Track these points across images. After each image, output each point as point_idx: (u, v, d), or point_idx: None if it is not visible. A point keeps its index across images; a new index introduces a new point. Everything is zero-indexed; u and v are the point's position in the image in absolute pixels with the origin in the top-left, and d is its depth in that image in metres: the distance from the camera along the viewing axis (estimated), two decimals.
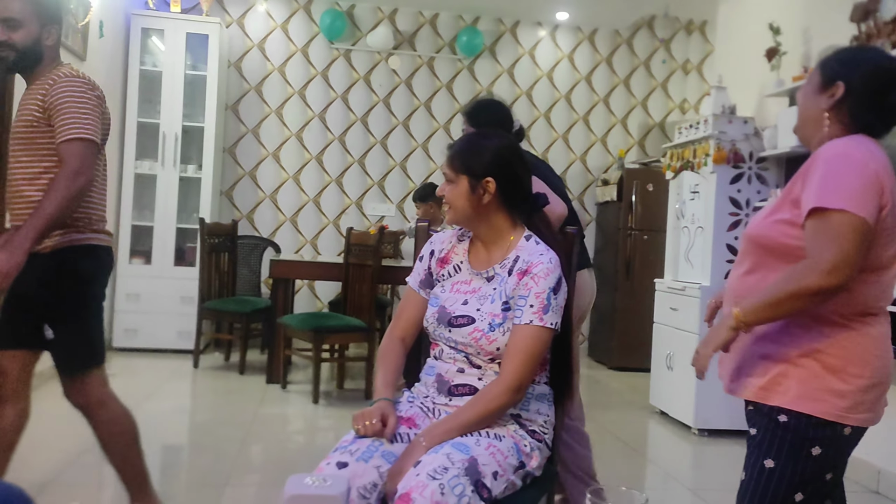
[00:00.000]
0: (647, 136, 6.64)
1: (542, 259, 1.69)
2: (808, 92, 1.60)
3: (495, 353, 1.67)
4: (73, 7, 4.40)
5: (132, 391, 4.40)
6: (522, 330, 1.63)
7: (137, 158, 5.54)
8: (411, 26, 6.38)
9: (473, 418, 1.61)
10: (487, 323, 1.67)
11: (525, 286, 1.67)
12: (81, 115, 2.09)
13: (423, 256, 1.88)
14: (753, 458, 1.55)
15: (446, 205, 1.76)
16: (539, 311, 1.64)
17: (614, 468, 3.36)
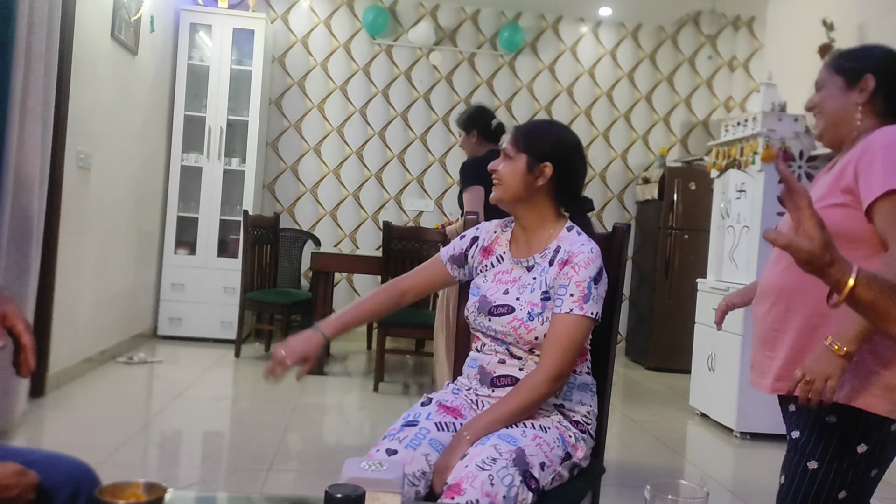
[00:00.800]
0: (691, 133, 6.57)
1: (584, 249, 1.69)
2: (834, 94, 1.62)
3: (534, 343, 1.68)
4: (126, 2, 4.50)
5: (176, 378, 4.51)
6: (562, 319, 1.63)
7: (184, 151, 5.64)
8: (453, 22, 6.40)
9: (514, 409, 1.61)
10: (526, 312, 1.68)
11: (566, 275, 1.66)
12: None
13: (464, 236, 1.89)
14: (795, 460, 1.54)
15: (496, 180, 1.76)
16: (580, 301, 1.63)
17: (653, 468, 3.34)
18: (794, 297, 1.57)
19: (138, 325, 5.28)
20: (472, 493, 1.41)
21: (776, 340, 1.60)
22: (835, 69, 1.62)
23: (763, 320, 1.65)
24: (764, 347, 1.64)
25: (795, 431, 1.56)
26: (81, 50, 3.92)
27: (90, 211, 4.23)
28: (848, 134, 1.60)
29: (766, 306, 1.63)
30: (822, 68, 1.68)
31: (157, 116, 5.37)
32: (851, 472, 1.49)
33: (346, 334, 6.06)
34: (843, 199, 1.51)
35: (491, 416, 1.62)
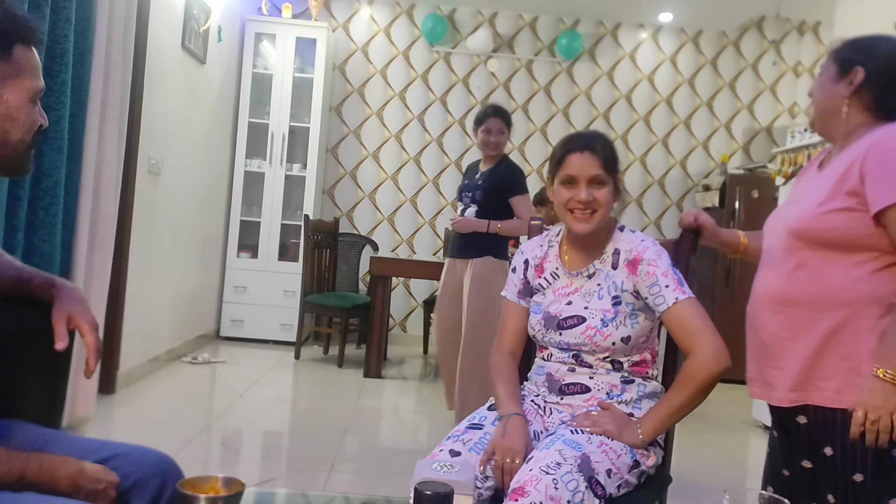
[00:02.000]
0: (753, 140, 6.43)
1: (647, 244, 1.71)
2: (825, 82, 1.58)
3: (611, 349, 1.67)
4: (196, 13, 4.65)
5: (238, 378, 4.62)
6: (677, 309, 1.64)
7: (247, 157, 5.79)
8: (511, 29, 6.41)
9: (684, 400, 1.61)
10: (599, 319, 1.68)
11: (647, 274, 1.67)
12: None
13: (515, 268, 1.88)
14: (839, 477, 1.49)
15: (588, 210, 1.68)
16: (678, 287, 1.66)
17: (715, 479, 3.28)
18: (802, 306, 1.52)
19: (202, 326, 5.43)
20: (535, 496, 1.41)
21: (782, 351, 1.55)
22: (833, 56, 1.58)
23: (763, 329, 1.60)
24: (768, 358, 1.59)
25: (827, 448, 1.50)
26: (154, 59, 4.07)
27: (159, 215, 4.38)
28: (837, 126, 1.57)
29: (768, 315, 1.58)
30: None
31: (222, 123, 5.52)
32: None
33: (404, 339, 6.07)
34: (848, 203, 1.47)
35: (660, 413, 1.61)
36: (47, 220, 2.85)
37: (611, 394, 1.70)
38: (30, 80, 1.18)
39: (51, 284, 1.41)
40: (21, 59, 1.17)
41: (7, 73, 1.15)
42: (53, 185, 2.86)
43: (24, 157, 1.21)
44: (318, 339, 5.96)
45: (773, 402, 1.60)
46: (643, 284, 1.68)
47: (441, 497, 0.91)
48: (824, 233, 1.49)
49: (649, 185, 6.43)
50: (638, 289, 1.69)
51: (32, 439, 1.28)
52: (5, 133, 1.17)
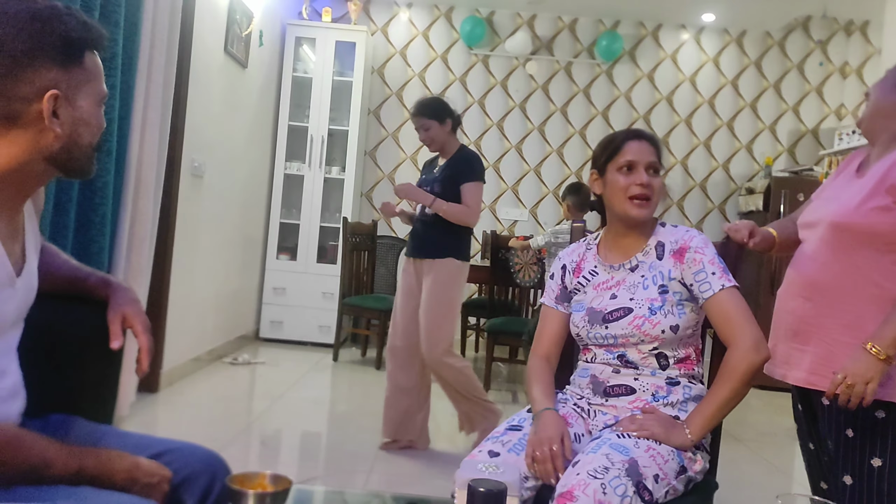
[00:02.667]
0: (798, 143, 6.31)
1: (692, 233, 1.72)
2: (887, 88, 1.67)
3: (660, 338, 1.66)
4: (239, 18, 4.72)
5: (278, 379, 4.66)
6: (722, 296, 1.64)
7: (287, 160, 5.85)
8: (550, 31, 6.38)
9: (728, 394, 1.60)
10: (647, 308, 1.67)
11: (693, 262, 1.67)
12: None
13: (553, 274, 1.90)
14: (857, 459, 1.57)
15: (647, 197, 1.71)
16: (724, 275, 1.66)
17: (759, 488, 3.22)
18: (833, 294, 1.63)
19: (242, 327, 5.50)
20: (584, 501, 1.39)
21: (808, 334, 1.66)
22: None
23: (793, 313, 1.71)
24: (792, 339, 1.71)
25: (849, 430, 1.59)
26: (198, 64, 4.13)
27: (201, 216, 4.44)
28: (883, 129, 1.65)
29: (800, 300, 1.68)
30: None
31: (262, 126, 5.59)
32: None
33: None
34: (887, 201, 1.57)
35: (706, 410, 1.61)
36: (96, 221, 2.91)
37: (656, 395, 1.68)
38: (98, 85, 1.21)
39: (106, 284, 1.43)
40: (91, 65, 1.20)
41: (81, 79, 1.18)
42: (103, 186, 2.92)
43: (91, 160, 1.25)
44: (356, 342, 5.99)
45: (790, 381, 1.73)
46: (689, 272, 1.68)
47: (494, 495, 0.90)
48: (863, 227, 1.59)
49: (691, 187, 6.35)
50: (684, 277, 1.69)
51: (88, 434, 1.30)
52: (78, 137, 1.19)
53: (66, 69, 1.15)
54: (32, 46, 1.10)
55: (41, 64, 1.12)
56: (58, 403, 1.36)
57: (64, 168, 1.22)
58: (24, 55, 1.10)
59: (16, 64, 1.10)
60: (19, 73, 1.10)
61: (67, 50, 1.15)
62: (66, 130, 1.17)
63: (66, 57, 1.15)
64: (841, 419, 1.61)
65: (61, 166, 1.21)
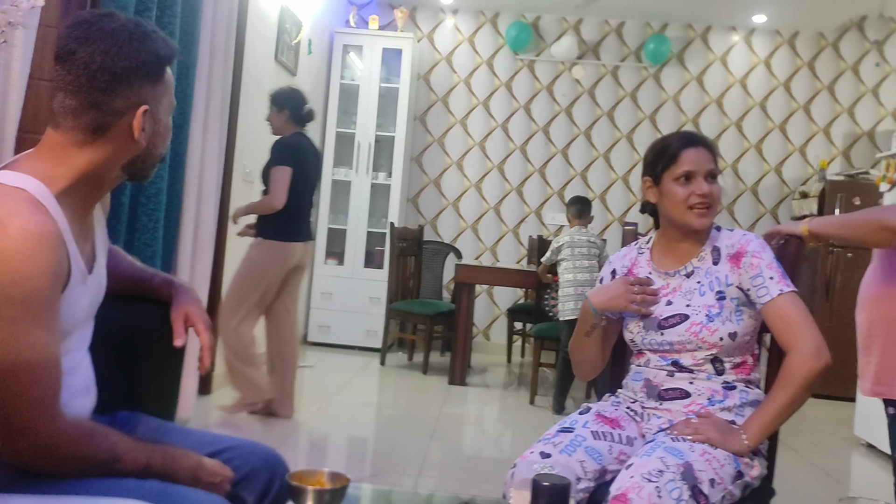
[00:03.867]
0: (854, 145, 6.15)
1: (749, 237, 1.70)
2: None
3: (718, 345, 1.64)
4: (288, 27, 4.80)
5: (326, 383, 4.72)
6: (781, 301, 1.61)
7: (335, 166, 5.92)
8: (596, 35, 6.35)
9: (787, 399, 1.57)
10: (704, 315, 1.65)
11: (751, 266, 1.65)
12: None
13: (603, 278, 1.89)
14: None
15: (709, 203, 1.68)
16: (782, 280, 1.63)
17: (817, 497, 3.14)
18: (879, 305, 1.67)
19: None
20: (638, 503, 1.39)
21: (871, 346, 1.69)
22: None
23: (861, 327, 1.74)
24: (864, 353, 1.73)
25: None
26: (250, 72, 4.22)
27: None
28: None
29: (864, 314, 1.73)
30: None
31: (311, 133, 5.63)
32: None
33: (487, 347, 6.05)
34: None
35: (765, 417, 1.58)
36: (150, 226, 2.99)
37: (712, 399, 1.66)
38: (171, 97, 1.27)
39: (170, 284, 1.48)
40: (168, 79, 1.25)
41: (162, 93, 1.24)
42: (157, 192, 3.00)
43: (156, 167, 1.31)
44: (403, 346, 6.03)
45: (863, 394, 1.73)
46: (746, 276, 1.65)
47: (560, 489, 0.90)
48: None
49: (741, 192, 6.24)
50: (741, 282, 1.66)
51: (153, 431, 1.34)
52: (154, 148, 1.25)
53: (153, 85, 1.21)
54: (131, 65, 1.16)
55: (136, 81, 1.17)
56: (124, 400, 1.41)
57: (133, 174, 1.27)
58: (123, 73, 1.15)
59: (115, 80, 1.15)
60: (117, 89, 1.16)
61: (157, 68, 1.21)
62: (147, 142, 1.22)
63: (155, 74, 1.21)
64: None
65: (132, 173, 1.26)
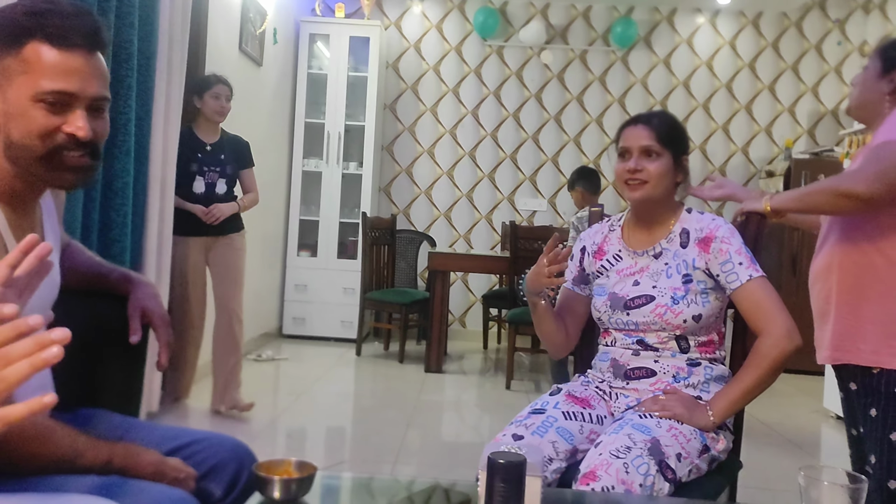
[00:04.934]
0: (818, 124, 6.23)
1: (718, 222, 1.72)
2: (869, 78, 1.73)
3: (682, 327, 1.66)
4: (252, 16, 4.74)
5: (302, 375, 4.70)
6: (751, 286, 1.64)
7: (304, 157, 5.88)
8: (564, 20, 6.35)
9: (756, 380, 1.60)
10: (669, 297, 1.67)
11: (720, 251, 1.67)
12: None
13: (573, 255, 1.90)
14: (879, 436, 1.60)
15: (635, 180, 1.71)
16: (751, 265, 1.66)
17: (786, 469, 3.20)
18: (835, 273, 1.69)
19: (265, 324, 5.54)
20: (607, 480, 1.40)
21: (827, 314, 1.71)
22: (879, 54, 1.73)
23: (818, 298, 1.77)
24: (820, 323, 1.76)
25: (872, 409, 1.62)
26: (213, 63, 4.16)
27: None
28: (874, 115, 1.72)
29: (819, 284, 1.75)
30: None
31: (279, 124, 5.62)
32: None
33: (463, 334, 6.05)
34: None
35: (732, 395, 1.61)
36: (118, 221, 2.95)
37: (677, 377, 1.68)
38: (40, 80, 1.09)
39: (127, 280, 1.46)
40: (32, 56, 1.09)
41: (16, 69, 1.09)
42: (123, 186, 2.96)
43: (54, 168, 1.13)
44: (379, 336, 6.02)
45: (820, 362, 1.77)
46: (715, 262, 1.67)
47: (515, 466, 0.91)
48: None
49: (710, 172, 6.29)
50: (710, 267, 1.68)
51: (115, 427, 1.33)
52: (8, 131, 1.11)
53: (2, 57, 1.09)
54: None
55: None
56: (86, 397, 1.39)
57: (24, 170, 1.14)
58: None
59: None
60: None
61: (11, 38, 1.08)
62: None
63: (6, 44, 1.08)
64: (868, 401, 1.63)
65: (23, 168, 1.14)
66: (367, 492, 1.43)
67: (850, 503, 0.97)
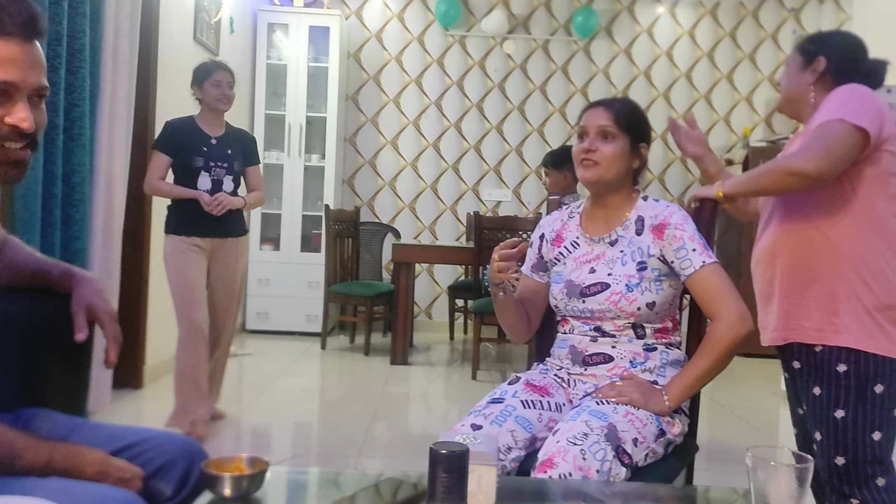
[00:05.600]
0: (775, 112, 6.32)
1: (672, 209, 1.73)
2: (792, 72, 1.79)
3: (636, 314, 1.66)
4: (207, 5, 4.65)
5: (266, 370, 4.65)
6: (704, 272, 1.65)
7: (265, 149, 5.80)
8: (525, 10, 6.34)
9: (710, 364, 1.62)
10: (624, 284, 1.67)
11: (674, 238, 1.68)
12: None
13: (532, 242, 1.91)
14: (823, 414, 1.63)
15: (589, 161, 1.72)
16: (704, 251, 1.67)
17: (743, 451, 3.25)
18: (779, 255, 1.71)
19: None
20: (564, 467, 1.40)
21: (771, 296, 1.73)
22: (798, 50, 1.80)
23: (761, 279, 1.78)
24: (764, 305, 1.78)
25: (816, 388, 1.65)
26: (167, 53, 4.08)
27: None
28: (803, 109, 1.77)
29: (763, 266, 1.77)
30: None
31: (238, 116, 5.53)
32: (876, 412, 1.59)
33: (429, 325, 6.04)
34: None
35: (685, 380, 1.63)
36: (77, 217, 2.88)
37: (634, 362, 1.69)
38: None
39: (69, 276, 1.41)
40: None
41: None
42: (81, 182, 2.89)
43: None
44: (344, 329, 5.98)
45: (764, 343, 1.79)
46: (669, 249, 1.68)
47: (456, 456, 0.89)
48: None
49: (671, 161, 6.35)
50: (664, 253, 1.69)
51: (58, 427, 1.29)
52: None
53: None
54: None
55: None
56: (29, 397, 1.34)
57: None
58: None
59: None
60: None
61: None
62: None
63: None
64: (809, 379, 1.67)
65: None
66: (326, 485, 1.41)
67: (797, 482, 0.97)
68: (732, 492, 1.34)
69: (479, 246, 4.62)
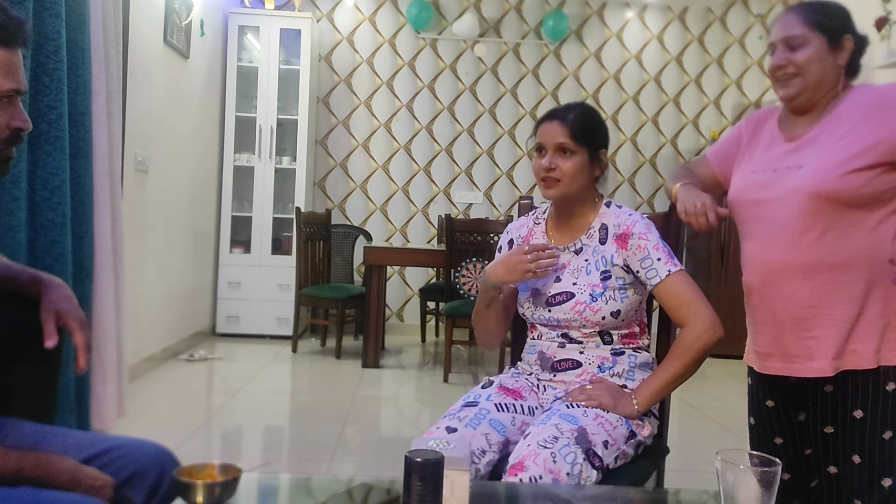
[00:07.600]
0: (742, 116, 6.43)
1: (634, 218, 1.72)
2: (819, 56, 1.52)
3: (601, 324, 1.68)
4: (177, 7, 4.61)
5: (236, 374, 4.61)
6: (670, 281, 1.65)
7: (236, 151, 5.75)
8: (496, 13, 6.38)
9: (679, 369, 1.63)
10: (588, 294, 1.68)
11: (638, 248, 1.68)
12: None
13: (501, 247, 1.91)
14: (866, 437, 1.48)
15: (550, 178, 1.70)
16: (669, 259, 1.67)
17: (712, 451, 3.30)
18: (836, 270, 1.49)
19: (197, 323, 5.42)
20: (535, 470, 1.41)
21: (816, 319, 1.51)
22: (816, 27, 1.52)
23: (790, 300, 1.53)
24: (797, 329, 1.53)
25: (857, 411, 1.50)
26: (136, 55, 4.03)
27: (148, 212, 4.35)
28: (825, 97, 1.54)
29: (795, 283, 1.52)
30: (793, 22, 1.54)
31: (209, 118, 5.49)
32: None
33: (401, 328, 6.04)
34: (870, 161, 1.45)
35: (656, 384, 1.63)
36: (57, 221, 2.82)
37: (602, 367, 1.71)
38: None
39: (38, 282, 1.39)
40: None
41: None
42: (60, 184, 2.83)
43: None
44: (315, 332, 5.96)
45: (809, 374, 1.54)
46: (634, 259, 1.68)
47: (431, 464, 0.90)
48: (847, 193, 1.46)
49: (641, 164, 6.43)
50: (629, 263, 1.69)
51: (27, 436, 1.27)
52: None
53: None
54: None
55: None
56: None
57: None
58: None
59: None
60: None
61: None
62: None
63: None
64: (848, 401, 1.51)
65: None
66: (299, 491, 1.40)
67: (765, 486, 1.00)
68: (703, 493, 1.36)
69: (451, 248, 4.63)
